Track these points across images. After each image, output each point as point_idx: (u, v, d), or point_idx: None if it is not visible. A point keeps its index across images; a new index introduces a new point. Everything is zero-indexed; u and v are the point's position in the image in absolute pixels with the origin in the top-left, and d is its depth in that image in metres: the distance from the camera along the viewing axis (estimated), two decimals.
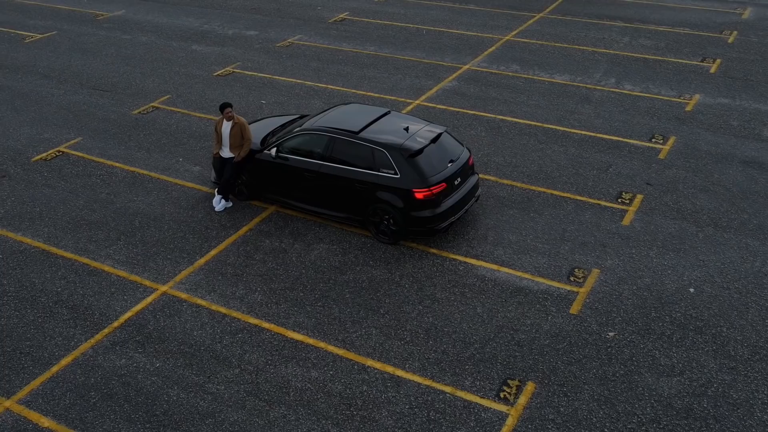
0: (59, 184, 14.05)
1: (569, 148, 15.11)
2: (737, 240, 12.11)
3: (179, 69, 19.53)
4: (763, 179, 13.89)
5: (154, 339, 10.17)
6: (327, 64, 19.71)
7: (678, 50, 20.43)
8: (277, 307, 10.77)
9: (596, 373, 9.50)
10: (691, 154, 14.82)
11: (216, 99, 17.60)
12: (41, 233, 12.55)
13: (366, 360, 9.77)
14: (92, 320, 10.53)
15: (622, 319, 10.42)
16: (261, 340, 10.12)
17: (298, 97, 17.64)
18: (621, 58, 19.84)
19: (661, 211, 12.93)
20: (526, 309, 10.63)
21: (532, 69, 19.19)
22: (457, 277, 11.34)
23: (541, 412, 8.93)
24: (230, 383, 9.42)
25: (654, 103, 17.14)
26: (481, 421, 8.82)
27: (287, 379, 9.48)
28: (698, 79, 18.48)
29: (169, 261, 11.79)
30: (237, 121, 12.59)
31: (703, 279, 11.20)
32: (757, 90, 17.81)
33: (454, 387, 9.31)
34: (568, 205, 13.14)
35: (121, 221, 12.84)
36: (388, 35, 21.87)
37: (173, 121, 16.50)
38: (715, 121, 16.20)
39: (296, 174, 12.46)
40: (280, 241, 12.25)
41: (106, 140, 15.69)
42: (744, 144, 15.21)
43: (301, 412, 8.98)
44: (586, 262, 11.60)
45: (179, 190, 13.80)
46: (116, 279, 11.40)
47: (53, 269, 11.63)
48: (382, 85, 18.26)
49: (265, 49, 20.91)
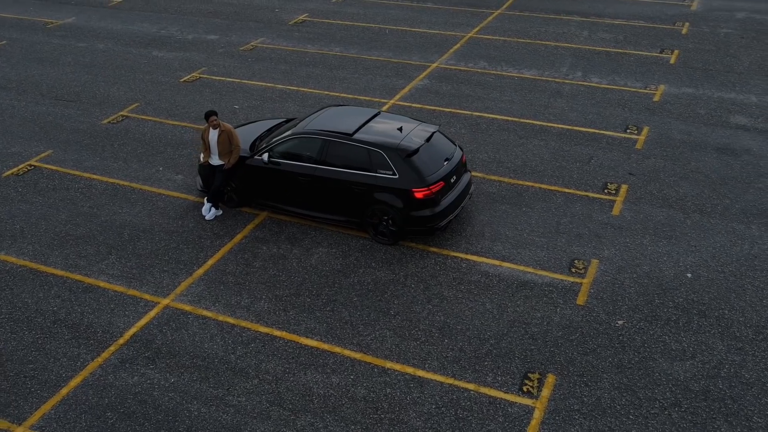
0: (36, 199, 13.54)
1: (549, 141, 15.35)
2: (723, 225, 12.51)
3: (143, 76, 19.05)
4: (737, 165, 14.39)
5: (165, 354, 9.90)
6: (295, 66, 19.52)
7: (637, 43, 20.98)
8: (285, 314, 10.63)
9: (612, 361, 9.68)
10: (667, 144, 15.24)
11: (186, 105, 17.24)
12: (26, 251, 12.07)
13: (385, 362, 9.73)
14: (96, 338, 10.19)
15: (627, 307, 10.65)
16: (275, 349, 9.97)
17: (272, 101, 17.42)
18: (584, 52, 20.26)
19: (648, 200, 13.27)
20: (534, 302, 10.76)
21: (500, 65, 19.41)
22: (461, 274, 11.40)
23: (566, 404, 9.06)
24: (251, 394, 9.25)
25: (623, 95, 17.56)
26: (509, 416, 8.90)
27: (308, 386, 9.36)
28: (660, 70, 19.01)
29: (167, 273, 11.50)
30: (224, 128, 12.36)
31: (697, 264, 11.54)
32: (717, 79, 18.44)
33: (476, 384, 9.36)
34: (557, 198, 13.35)
35: (110, 235, 12.46)
36: (352, 36, 21.80)
37: (146, 130, 16.09)
38: (684, 111, 16.70)
39: (289, 178, 12.31)
40: (277, 247, 12.09)
41: (79, 152, 15.19)
42: (714, 132, 15.72)
43: (328, 419, 8.88)
44: (584, 253, 11.81)
45: (165, 200, 13.47)
46: (114, 294, 11.05)
47: (45, 288, 11.21)
48: (355, 86, 18.20)
49: (229, 53, 20.57)
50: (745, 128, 15.83)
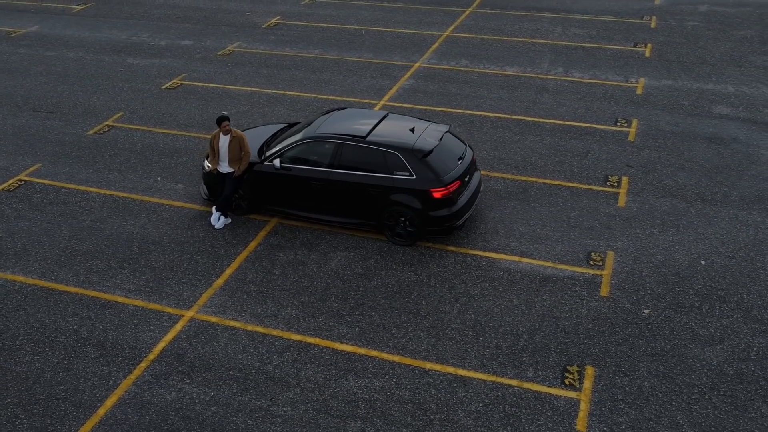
0: (34, 215, 13.09)
1: (544, 137, 15.56)
2: (726, 212, 12.90)
3: (122, 84, 18.58)
4: (728, 153, 14.84)
5: (199, 367, 9.70)
6: (277, 70, 19.32)
7: (610, 37, 21.43)
8: (315, 320, 10.53)
9: (645, 350, 9.89)
10: (657, 135, 15.62)
11: (173, 113, 16.89)
12: (33, 269, 11.66)
13: (424, 363, 9.73)
14: (123, 355, 9.91)
15: (650, 296, 10.89)
16: (311, 356, 9.86)
17: (260, 106, 17.21)
18: (561, 48, 20.59)
19: (650, 190, 13.58)
20: (559, 296, 10.90)
21: (482, 63, 19.59)
22: (483, 272, 11.47)
23: (609, 394, 9.21)
24: (295, 403, 9.13)
25: (606, 88, 17.92)
26: (557, 409, 9.00)
27: (352, 391, 9.30)
28: (637, 63, 19.46)
29: (186, 285, 11.26)
30: (235, 134, 12.16)
31: (708, 251, 11.87)
32: (693, 70, 18.97)
33: (519, 380, 9.44)
34: (562, 192, 13.55)
35: (118, 248, 12.13)
36: (329, 37, 21.69)
37: (136, 139, 15.71)
38: (668, 103, 17.14)
39: (302, 183, 12.19)
40: (294, 253, 11.96)
41: (70, 164, 14.74)
42: (700, 122, 16.18)
43: (378, 424, 8.83)
44: (598, 246, 12.02)
45: (169, 210, 13.17)
46: (134, 309, 10.77)
47: (61, 306, 10.84)
48: (342, 88, 18.12)
49: (207, 58, 20.23)
50: (728, 117, 16.34)
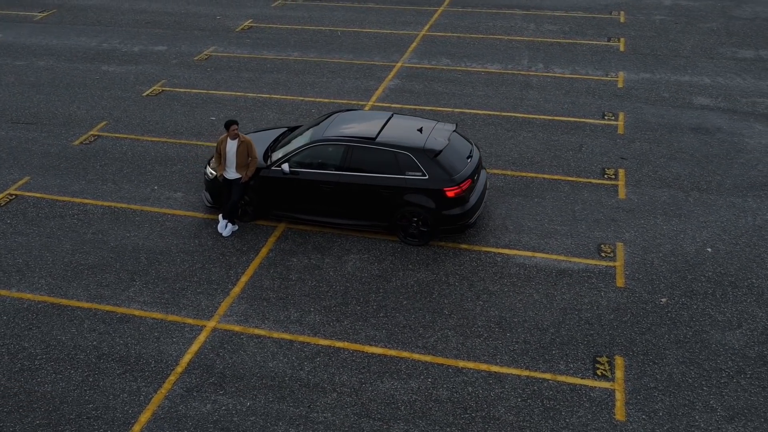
0: (31, 230, 12.68)
1: (537, 133, 15.77)
2: (723, 200, 13.27)
3: (101, 92, 18.13)
4: (715, 143, 15.27)
5: (230, 377, 9.54)
6: (258, 73, 19.11)
7: (583, 33, 21.81)
8: (340, 324, 10.46)
9: (669, 338, 10.11)
10: (645, 127, 15.97)
11: (159, 121, 16.56)
12: (40, 286, 11.30)
13: (457, 362, 9.77)
14: (150, 370, 9.69)
15: (665, 285, 11.14)
16: (342, 360, 9.80)
17: (248, 111, 17.00)
18: (537, 44, 20.88)
19: (647, 182, 13.88)
20: (577, 289, 11.07)
21: (463, 61, 19.72)
22: (499, 268, 11.57)
23: (642, 383, 9.39)
24: (335, 409, 9.06)
25: (588, 83, 18.24)
26: (594, 400, 9.14)
27: (390, 394, 9.27)
28: (614, 57, 19.86)
29: (202, 295, 11.06)
30: (242, 139, 11.99)
31: (713, 239, 12.20)
32: (668, 63, 19.46)
33: (552, 373, 9.56)
34: (563, 186, 13.75)
35: (126, 260, 11.84)
36: (305, 39, 21.55)
37: (125, 149, 15.35)
38: (649, 95, 17.55)
39: (311, 187, 12.09)
40: (308, 257, 11.86)
41: (60, 176, 14.32)
42: (683, 113, 16.61)
43: (421, 425, 8.84)
44: (607, 238, 12.24)
45: (172, 219, 12.92)
46: (153, 322, 10.53)
47: (76, 322, 10.54)
48: (328, 90, 18.03)
49: (184, 63, 19.89)
50: (709, 108, 16.81)
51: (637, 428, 8.74)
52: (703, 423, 8.79)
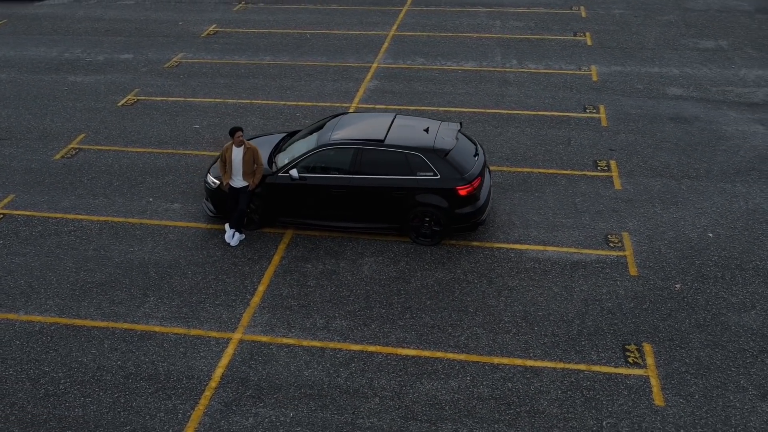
0: (27, 250, 12.19)
1: (524, 128, 15.99)
2: (713, 186, 13.73)
3: (72, 104, 17.54)
4: (695, 131, 15.78)
5: (267, 389, 9.38)
6: (234, 79, 18.81)
7: (548, 28, 22.22)
8: (368, 328, 10.41)
9: (690, 322, 10.42)
10: (626, 119, 16.39)
11: (140, 131, 16.12)
12: (48, 307, 10.87)
13: (491, 359, 9.84)
14: (183, 386, 9.44)
15: (676, 271, 11.46)
16: (378, 364, 9.76)
17: (231, 117, 16.71)
18: (507, 41, 21.16)
19: (639, 172, 14.25)
20: (593, 280, 11.29)
21: (437, 60, 19.84)
22: (514, 263, 11.70)
23: (673, 368, 9.65)
24: (379, 413, 9.02)
25: (564, 78, 18.60)
26: (631, 387, 9.34)
27: (432, 394, 9.28)
28: (583, 52, 20.30)
29: (221, 307, 10.84)
30: (248, 146, 11.79)
31: (712, 224, 12.61)
32: (636, 56, 20.00)
33: (586, 364, 9.73)
34: (560, 179, 13.99)
35: (135, 276, 11.50)
36: (274, 43, 21.30)
37: (110, 161, 14.89)
38: (624, 87, 18.01)
39: (321, 192, 11.98)
40: (322, 263, 11.75)
41: (46, 193, 13.80)
42: (660, 104, 17.10)
43: (469, 423, 8.87)
44: (611, 228, 12.52)
45: (174, 231, 12.61)
46: (177, 337, 10.26)
47: (95, 343, 10.18)
48: (308, 93, 17.88)
49: (155, 71, 19.40)
50: (683, 98, 17.36)
51: (677, 412, 8.98)
52: (738, 402, 9.10)
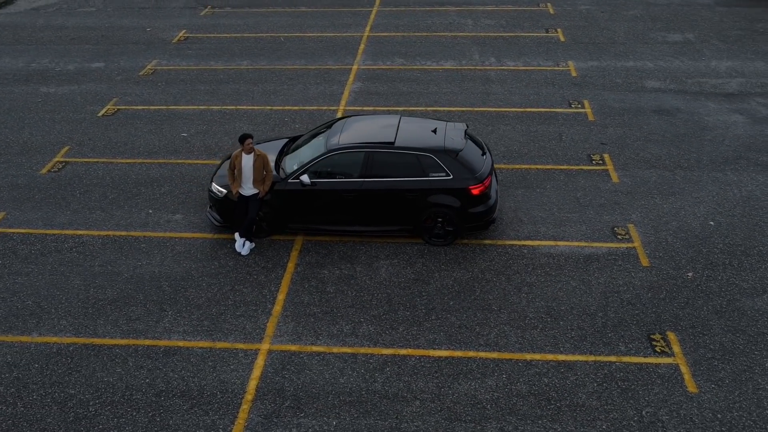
0: (29, 269, 11.76)
1: (515, 125, 16.17)
2: (706, 176, 14.12)
3: (51, 116, 16.99)
4: (679, 123, 16.20)
5: (305, 399, 9.27)
6: (215, 85, 18.50)
7: (520, 26, 22.49)
8: (395, 332, 10.38)
9: (708, 309, 10.69)
10: (611, 113, 16.72)
11: (127, 141, 15.71)
12: (63, 327, 10.51)
13: (523, 355, 9.93)
14: (218, 401, 9.25)
15: (685, 260, 11.75)
16: (413, 367, 9.74)
17: (219, 124, 16.44)
18: (482, 40, 21.35)
19: (633, 164, 14.55)
20: (608, 272, 11.49)
21: (416, 60, 19.89)
22: (528, 260, 11.82)
23: (699, 354, 9.89)
24: (423, 416, 9.00)
25: (544, 74, 18.86)
26: (663, 376, 9.54)
27: (471, 394, 9.31)
28: (558, 48, 20.62)
29: (243, 317, 10.65)
30: (258, 153, 11.62)
31: (711, 213, 12.97)
32: (609, 51, 20.41)
33: (616, 355, 9.89)
34: (558, 175, 14.19)
35: (148, 291, 11.21)
36: (249, 47, 21.02)
37: (101, 173, 14.48)
38: (604, 82, 18.36)
39: (332, 197, 11.89)
40: (338, 268, 11.66)
41: (39, 209, 13.34)
42: (641, 97, 17.50)
43: (513, 421, 8.93)
44: (616, 221, 12.76)
45: (181, 243, 12.34)
46: (203, 351, 10.05)
47: (118, 361, 9.89)
48: (293, 97, 17.71)
49: (131, 79, 18.94)
50: (662, 90, 17.80)
51: (711, 398, 9.22)
52: (767, 385, 9.39)
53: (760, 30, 21.65)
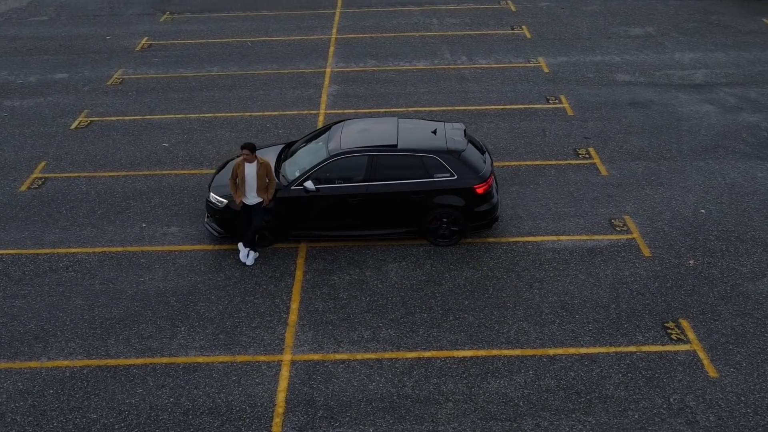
0: (26, 291, 11.30)
1: (498, 123, 16.32)
2: (690, 165, 14.53)
3: (20, 130, 16.35)
4: (655, 114, 16.62)
5: (337, 408, 9.17)
6: (188, 92, 18.11)
7: (485, 23, 22.71)
8: (416, 335, 10.36)
9: (714, 296, 11.01)
10: (589, 107, 17.04)
11: (107, 153, 15.24)
12: (72, 349, 10.14)
13: (546, 351, 10.04)
14: (249, 416, 9.07)
15: (684, 248, 12.07)
16: (439, 369, 9.74)
17: (199, 132, 16.09)
18: (450, 38, 21.47)
19: (618, 157, 14.87)
20: (614, 264, 11.71)
21: (389, 61, 19.87)
22: (534, 256, 11.95)
23: (714, 339, 10.18)
24: (458, 417, 9.01)
25: (518, 71, 19.07)
26: (683, 363, 9.78)
27: (502, 392, 9.37)
28: (526, 45, 20.89)
29: (260, 329, 10.47)
30: (261, 161, 11.43)
31: (701, 201, 13.35)
32: (576, 46, 20.78)
33: (635, 345, 10.10)
34: (548, 170, 14.39)
35: (156, 307, 10.91)
36: (217, 53, 20.65)
37: (84, 188, 14.01)
38: (576, 77, 18.69)
39: (337, 202, 11.79)
40: (347, 273, 11.57)
41: (25, 228, 12.83)
42: (614, 91, 17.89)
43: (546, 416, 9.03)
44: (612, 213, 13.01)
45: (181, 256, 12.05)
46: (223, 366, 9.83)
47: (138, 381, 9.59)
48: (271, 102, 17.47)
49: (99, 90, 18.37)
50: (633, 84, 18.24)
51: (732, 381, 9.50)
52: None
53: (715, 22, 22.40)
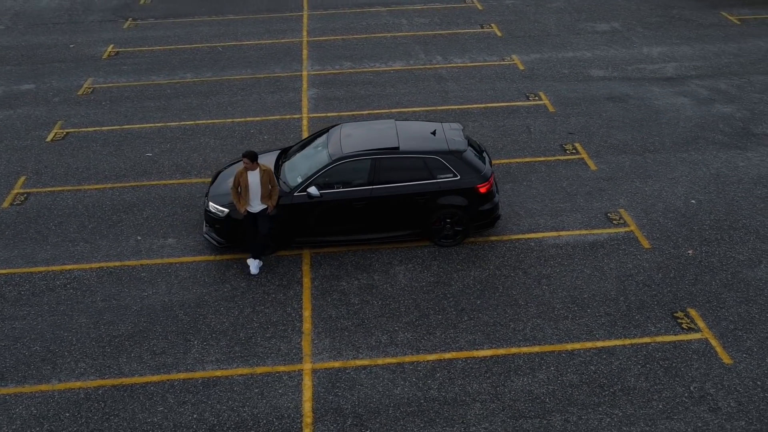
0: (24, 312, 10.90)
1: (482, 121, 16.43)
2: (674, 157, 14.87)
3: None
4: (633, 108, 16.96)
5: (366, 415, 9.10)
6: (164, 100, 17.73)
7: (455, 23, 22.83)
8: (433, 337, 10.35)
9: (717, 284, 11.29)
10: (569, 103, 17.29)
11: (90, 166, 14.81)
12: (83, 370, 9.82)
13: (564, 346, 10.15)
14: (277, 428, 8.93)
15: (681, 239, 12.35)
16: (461, 370, 9.75)
17: (182, 141, 15.77)
18: (422, 38, 21.52)
19: (605, 151, 15.12)
20: (616, 257, 11.91)
21: (364, 62, 19.81)
22: (538, 252, 12.07)
23: (723, 327, 10.44)
24: (488, 417, 9.04)
25: (494, 69, 19.23)
26: (698, 351, 10.01)
27: (527, 390, 9.43)
28: (498, 43, 21.06)
29: (275, 339, 10.32)
30: (263, 168, 11.26)
31: (690, 191, 13.67)
32: (546, 43, 21.05)
33: (650, 336, 10.29)
34: (539, 167, 14.55)
35: (165, 322, 10.65)
36: (188, 59, 20.26)
37: (70, 202, 13.59)
38: (552, 74, 18.95)
39: (341, 206, 11.69)
40: (356, 278, 11.49)
41: (14, 246, 12.37)
42: (591, 86, 18.18)
43: (574, 411, 9.12)
44: (607, 207, 13.23)
45: (183, 268, 11.79)
46: (243, 379, 9.66)
47: (158, 399, 9.35)
48: (252, 108, 17.24)
49: (70, 100, 17.84)
50: (608, 79, 18.58)
51: (746, 367, 9.76)
52: None
53: (677, 16, 22.98)
